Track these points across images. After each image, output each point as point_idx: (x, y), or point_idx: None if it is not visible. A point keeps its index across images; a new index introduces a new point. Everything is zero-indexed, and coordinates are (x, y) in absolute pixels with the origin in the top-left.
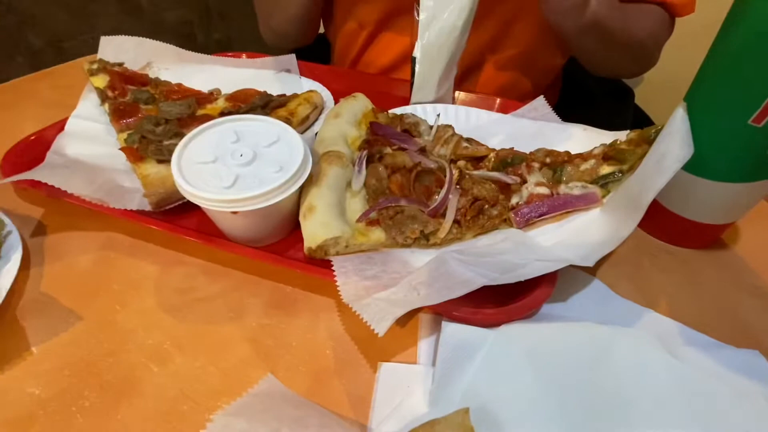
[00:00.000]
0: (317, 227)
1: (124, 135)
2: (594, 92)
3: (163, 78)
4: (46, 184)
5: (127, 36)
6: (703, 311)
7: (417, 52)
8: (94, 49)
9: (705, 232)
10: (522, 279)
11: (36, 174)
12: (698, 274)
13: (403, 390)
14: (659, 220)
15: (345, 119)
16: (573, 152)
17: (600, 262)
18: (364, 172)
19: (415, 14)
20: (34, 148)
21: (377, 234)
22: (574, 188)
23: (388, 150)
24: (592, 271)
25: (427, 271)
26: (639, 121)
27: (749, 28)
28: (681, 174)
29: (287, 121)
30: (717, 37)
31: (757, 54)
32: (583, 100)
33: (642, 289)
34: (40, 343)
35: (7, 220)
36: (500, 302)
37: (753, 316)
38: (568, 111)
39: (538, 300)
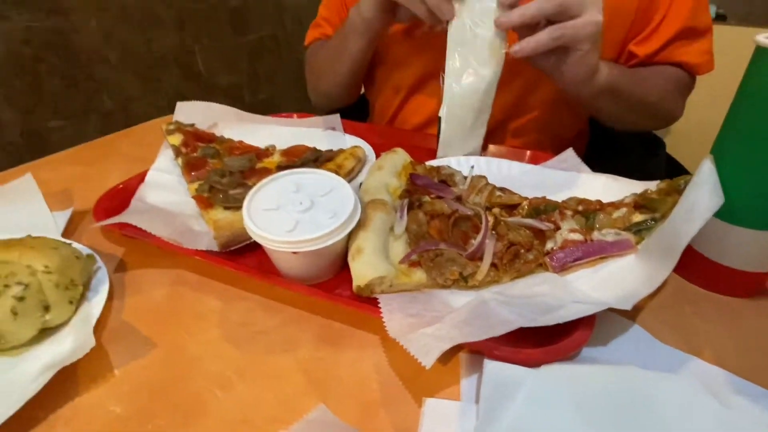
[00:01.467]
0: (365, 267)
1: (195, 185)
2: (624, 143)
3: (227, 136)
4: (131, 226)
5: (197, 101)
6: (750, 360)
7: (442, 112)
8: (156, 109)
9: (745, 280)
10: (560, 321)
11: (125, 218)
12: (743, 323)
13: (447, 425)
14: (698, 268)
15: (387, 171)
16: (604, 201)
17: (640, 309)
18: (405, 218)
19: (441, 80)
20: (121, 196)
21: (419, 275)
22: (608, 235)
23: (427, 198)
24: (632, 318)
25: (468, 310)
26: (672, 170)
27: (756, 91)
28: (715, 222)
29: (335, 173)
30: (738, 90)
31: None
32: (614, 151)
33: (685, 336)
34: (121, 366)
35: (97, 257)
36: (540, 343)
37: None
38: (599, 161)
39: (578, 342)
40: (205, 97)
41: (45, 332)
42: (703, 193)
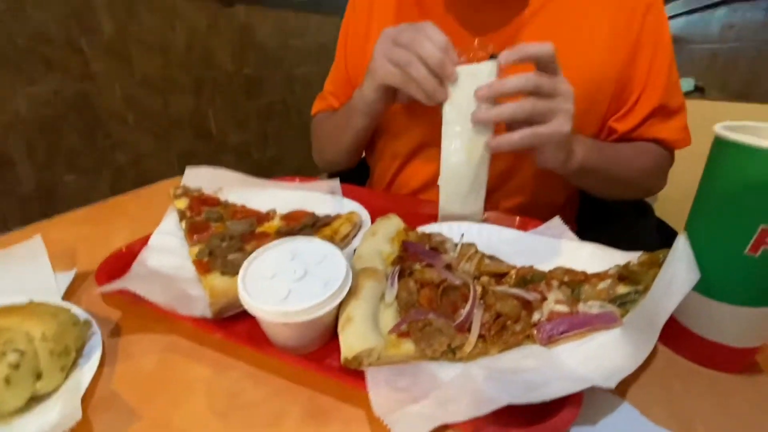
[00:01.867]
0: (354, 338)
1: (196, 249)
2: (613, 207)
3: (231, 200)
4: (130, 291)
5: (205, 166)
6: None
7: (440, 181)
8: (167, 165)
9: (732, 355)
10: (546, 399)
11: (125, 283)
12: (734, 400)
13: None
14: (686, 342)
15: (380, 237)
16: (589, 271)
17: (629, 384)
18: (396, 285)
19: (441, 142)
20: (124, 260)
21: (407, 346)
22: (593, 307)
23: (418, 266)
24: (621, 394)
25: (454, 387)
26: (664, 233)
27: (728, 174)
28: (697, 297)
29: (331, 238)
30: (703, 174)
31: (737, 196)
32: (604, 214)
33: (674, 413)
34: None
35: (93, 322)
36: (527, 420)
37: None
38: (590, 225)
39: (565, 421)
40: (215, 154)
41: (32, 400)
42: (679, 269)
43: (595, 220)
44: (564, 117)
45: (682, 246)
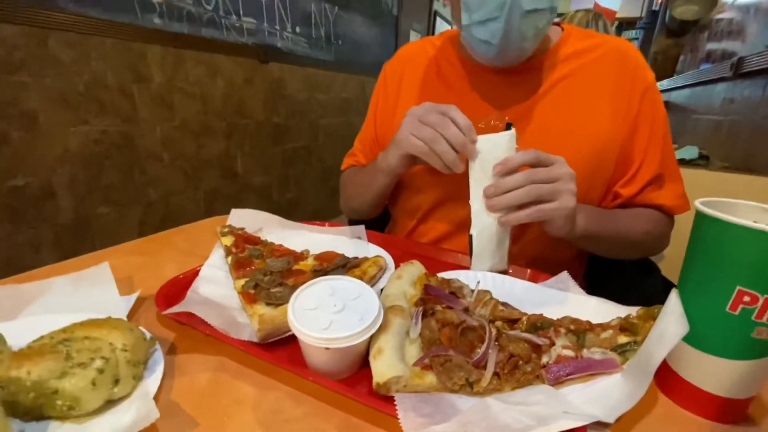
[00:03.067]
0: (384, 367)
1: (242, 282)
2: (621, 266)
3: (269, 240)
4: (184, 313)
5: (248, 209)
6: None
7: (473, 231)
8: (193, 202)
9: (725, 405)
10: (554, 431)
11: (187, 307)
12: None
13: None
14: (683, 391)
15: (405, 280)
16: (594, 321)
17: (629, 427)
18: (420, 324)
19: (470, 201)
20: (177, 286)
21: (430, 378)
22: (596, 353)
23: (439, 307)
24: None
25: (474, 412)
26: (669, 290)
27: (707, 243)
28: (690, 349)
29: (360, 278)
30: (689, 241)
31: (716, 261)
32: (612, 273)
33: None
34: None
35: (156, 340)
36: None
37: None
38: (598, 281)
39: None
40: (237, 194)
41: (107, 403)
42: (671, 322)
43: (603, 277)
44: (567, 195)
45: (674, 301)
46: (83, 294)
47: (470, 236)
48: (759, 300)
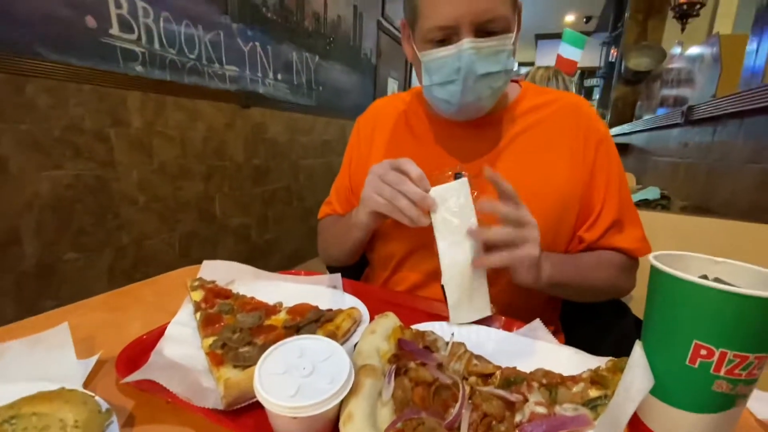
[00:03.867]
0: None
1: (209, 341)
2: (594, 309)
3: (241, 292)
4: (145, 380)
5: (221, 261)
6: None
7: (443, 281)
8: (167, 246)
9: None
10: None
11: (147, 374)
12: None
13: None
14: None
15: (378, 335)
16: (565, 373)
17: None
18: (392, 383)
19: (438, 253)
20: (140, 348)
21: None
22: (568, 410)
23: (412, 364)
24: None
25: None
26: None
27: (661, 296)
28: (656, 402)
29: (333, 334)
30: (647, 296)
31: (672, 315)
32: (585, 316)
33: None
34: None
35: (113, 412)
36: None
37: None
38: (573, 326)
39: None
40: (215, 236)
41: None
42: (637, 375)
43: (577, 320)
44: (533, 243)
45: (638, 354)
46: (38, 359)
47: (442, 287)
48: (715, 353)
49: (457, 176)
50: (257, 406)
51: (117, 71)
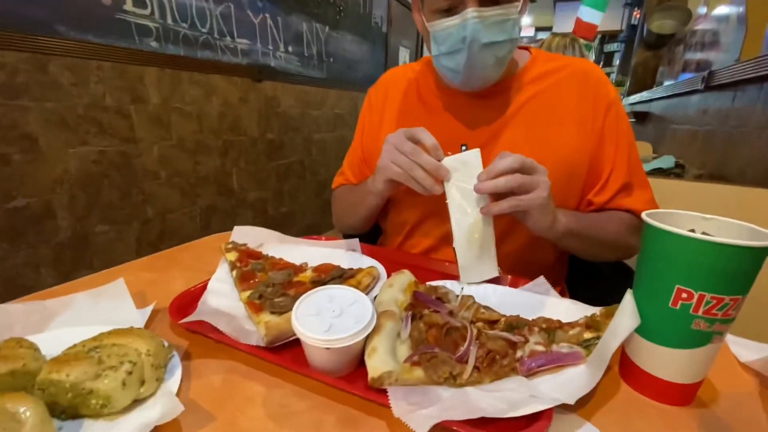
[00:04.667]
0: (378, 363)
1: (246, 293)
2: (600, 269)
3: (270, 254)
4: (196, 323)
5: (249, 226)
6: None
7: (455, 245)
8: (189, 218)
9: (676, 390)
10: (524, 413)
11: (200, 317)
12: (679, 427)
13: None
14: (640, 379)
15: (396, 288)
16: (564, 321)
17: (594, 411)
18: (409, 326)
19: (451, 220)
20: (188, 299)
21: (418, 373)
22: (564, 348)
23: (426, 311)
24: (587, 417)
25: (454, 399)
26: None
27: (653, 249)
28: (643, 341)
29: (355, 287)
30: (640, 249)
31: (659, 263)
32: (591, 276)
33: None
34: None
35: (173, 347)
36: (509, 428)
37: None
38: (578, 287)
39: (538, 430)
40: (233, 209)
41: (134, 402)
42: (624, 317)
43: (583, 282)
44: (542, 186)
45: (628, 300)
46: (103, 308)
47: (454, 249)
48: (694, 296)
49: (462, 149)
50: (294, 344)
51: (133, 48)
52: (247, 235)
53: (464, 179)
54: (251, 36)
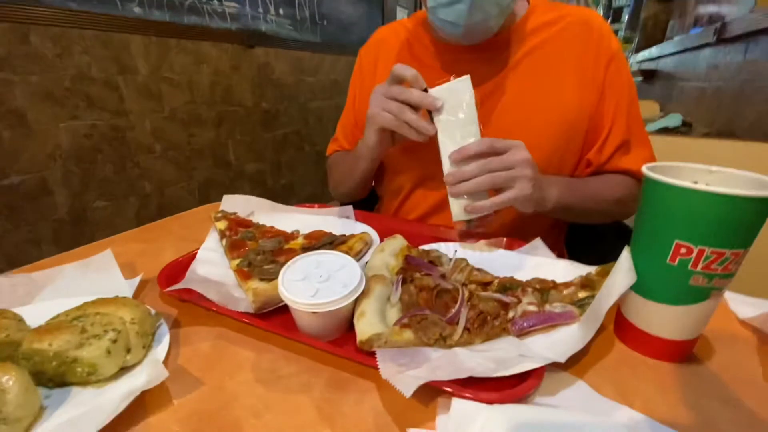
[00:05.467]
0: (366, 326)
1: (236, 261)
2: (600, 230)
3: (261, 222)
4: (185, 291)
5: (239, 194)
6: (674, 411)
7: (445, 178)
8: (187, 192)
9: (669, 347)
10: (513, 372)
11: (188, 284)
12: (672, 383)
13: None
14: (634, 336)
15: (387, 253)
16: (560, 281)
17: (586, 369)
18: (399, 290)
19: (441, 155)
20: (177, 268)
21: (408, 334)
22: (557, 307)
23: (418, 275)
24: (579, 375)
25: (442, 359)
26: None
27: (652, 202)
28: (639, 298)
29: (347, 253)
30: (639, 204)
31: (657, 218)
32: (590, 239)
33: (621, 392)
34: (178, 398)
35: (161, 316)
36: (499, 387)
37: (721, 421)
38: (578, 248)
39: (528, 388)
40: (232, 182)
41: (122, 370)
42: (620, 275)
43: (583, 243)
44: (523, 181)
45: (624, 257)
46: (90, 279)
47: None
48: (693, 251)
49: (452, 79)
50: (282, 310)
51: (116, 14)
52: (237, 203)
53: (456, 109)
54: None
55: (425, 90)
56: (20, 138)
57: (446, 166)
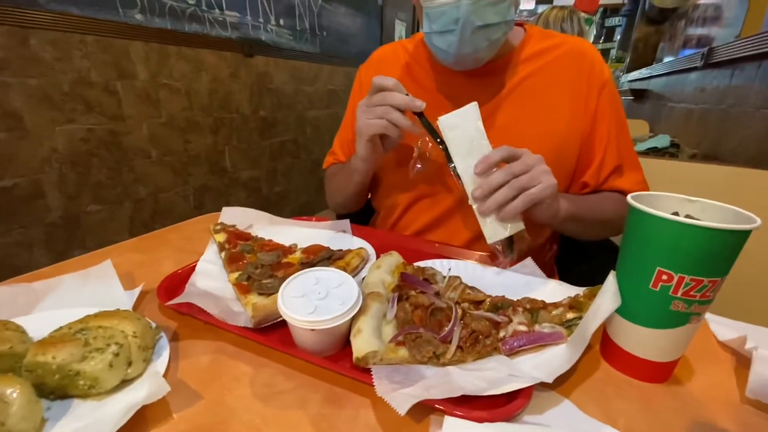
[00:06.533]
0: (363, 344)
1: (235, 275)
2: (589, 248)
3: (259, 236)
4: (185, 304)
5: (238, 207)
6: (655, 431)
7: (471, 201)
8: (182, 198)
9: (652, 368)
10: (503, 391)
11: (187, 298)
12: (654, 403)
13: None
14: (619, 357)
15: (384, 269)
16: (548, 301)
17: (572, 389)
18: (395, 307)
19: (461, 179)
20: (176, 281)
21: (402, 352)
22: (546, 327)
23: (413, 292)
24: (565, 394)
25: (436, 377)
26: None
27: (635, 230)
28: (623, 321)
29: (343, 269)
30: (624, 231)
31: (641, 245)
32: (581, 255)
33: (605, 411)
34: (178, 411)
35: (161, 329)
36: (489, 406)
37: None
38: (567, 264)
39: (516, 407)
40: (227, 188)
41: (122, 382)
42: (606, 298)
43: (573, 261)
44: (546, 175)
45: (610, 281)
46: (90, 290)
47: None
48: (674, 278)
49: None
50: (281, 325)
51: (117, 20)
52: (236, 216)
53: (466, 132)
54: (241, 8)
55: (407, 95)
56: (16, 141)
57: (469, 186)
